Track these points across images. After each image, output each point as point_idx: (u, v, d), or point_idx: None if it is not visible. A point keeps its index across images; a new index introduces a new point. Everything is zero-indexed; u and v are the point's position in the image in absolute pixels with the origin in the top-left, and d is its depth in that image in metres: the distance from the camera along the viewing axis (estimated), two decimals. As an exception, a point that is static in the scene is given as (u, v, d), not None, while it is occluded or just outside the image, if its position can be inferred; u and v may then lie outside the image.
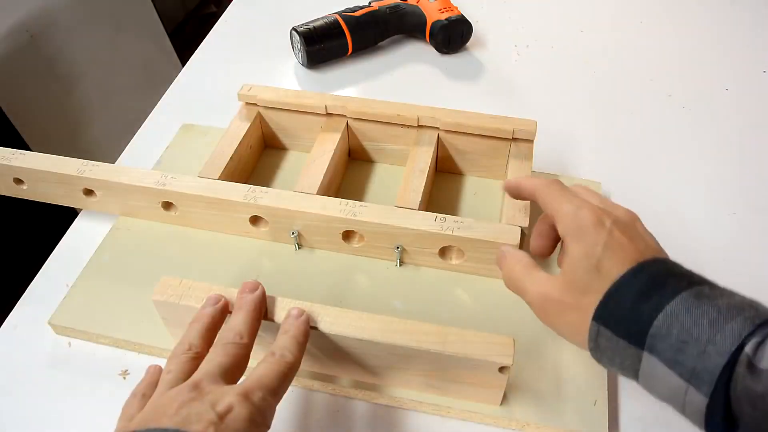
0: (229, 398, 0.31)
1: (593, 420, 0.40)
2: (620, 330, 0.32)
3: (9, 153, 0.52)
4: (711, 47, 0.76)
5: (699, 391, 0.30)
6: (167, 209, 0.51)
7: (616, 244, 0.34)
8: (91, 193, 0.52)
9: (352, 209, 0.47)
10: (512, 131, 0.52)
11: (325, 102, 0.55)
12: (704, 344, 0.30)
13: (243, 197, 0.48)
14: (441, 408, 0.42)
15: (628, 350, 0.32)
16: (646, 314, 0.31)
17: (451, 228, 0.46)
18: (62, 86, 1.17)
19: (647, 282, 0.32)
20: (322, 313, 0.39)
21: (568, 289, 0.35)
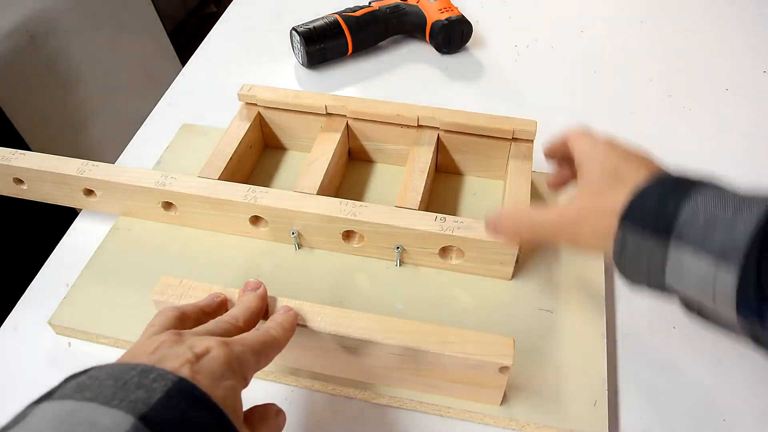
0: (208, 342, 0.30)
1: (593, 420, 0.40)
2: (647, 227, 0.32)
3: (9, 153, 0.52)
4: (711, 47, 0.76)
5: (728, 271, 0.29)
6: (167, 209, 0.51)
7: (631, 157, 0.37)
8: (91, 193, 0.52)
9: (352, 209, 0.47)
10: (512, 131, 0.53)
11: (325, 102, 0.55)
12: (731, 221, 0.29)
13: (243, 197, 0.48)
14: (441, 408, 0.42)
15: (655, 248, 0.32)
16: (672, 207, 0.31)
17: (451, 228, 0.46)
18: (62, 86, 1.17)
19: (672, 185, 0.33)
20: (323, 313, 0.39)
21: (588, 197, 0.36)
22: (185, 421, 0.25)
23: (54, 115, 1.17)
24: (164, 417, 0.24)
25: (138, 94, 1.37)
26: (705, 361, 0.45)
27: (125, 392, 0.25)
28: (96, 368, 0.28)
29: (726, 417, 0.42)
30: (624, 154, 0.37)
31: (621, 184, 0.35)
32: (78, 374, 0.28)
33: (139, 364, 0.27)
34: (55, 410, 0.25)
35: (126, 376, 0.26)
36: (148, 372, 0.27)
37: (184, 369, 0.28)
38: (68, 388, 0.26)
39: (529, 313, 0.47)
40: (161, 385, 0.26)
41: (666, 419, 0.42)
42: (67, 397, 0.26)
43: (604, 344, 0.44)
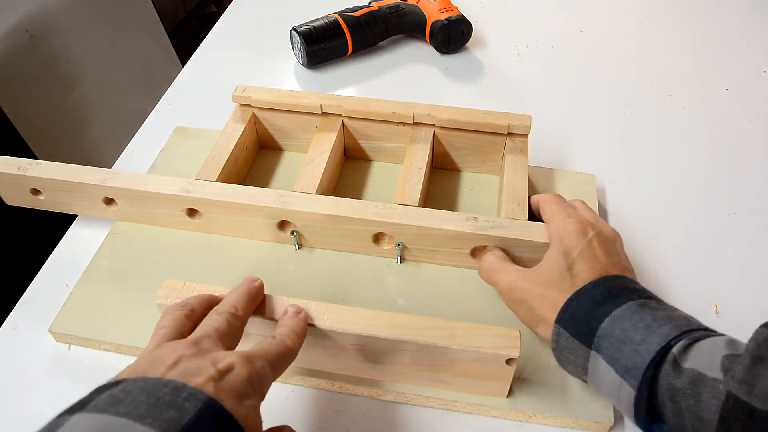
0: (231, 358, 0.31)
1: (598, 410, 0.41)
2: (575, 331, 0.37)
3: (26, 163, 0.51)
4: (711, 47, 0.76)
5: (629, 385, 0.34)
6: (192, 216, 0.51)
7: (591, 254, 0.40)
8: (112, 202, 0.51)
9: (382, 211, 0.47)
10: (507, 126, 0.53)
11: (320, 101, 0.55)
12: (637, 344, 0.34)
13: (272, 202, 0.48)
14: (448, 402, 0.42)
15: (580, 349, 0.37)
16: (597, 318, 0.36)
17: (484, 228, 0.45)
18: (62, 86, 1.17)
19: (604, 292, 0.37)
20: (328, 310, 0.39)
21: (539, 281, 0.40)
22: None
23: (53, 114, 1.17)
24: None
25: (137, 94, 1.37)
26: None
27: (158, 410, 0.26)
28: (129, 381, 0.28)
29: (725, 417, 0.42)
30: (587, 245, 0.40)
31: (569, 281, 0.39)
32: (110, 385, 0.28)
33: (170, 380, 0.28)
34: (90, 423, 0.25)
35: (158, 392, 0.27)
36: (179, 390, 0.27)
37: (209, 386, 0.28)
38: (102, 401, 0.27)
39: None
40: (192, 405, 0.27)
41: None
42: (101, 411, 0.26)
43: None
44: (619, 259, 0.41)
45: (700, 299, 0.49)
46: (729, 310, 0.48)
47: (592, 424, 0.40)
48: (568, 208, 0.44)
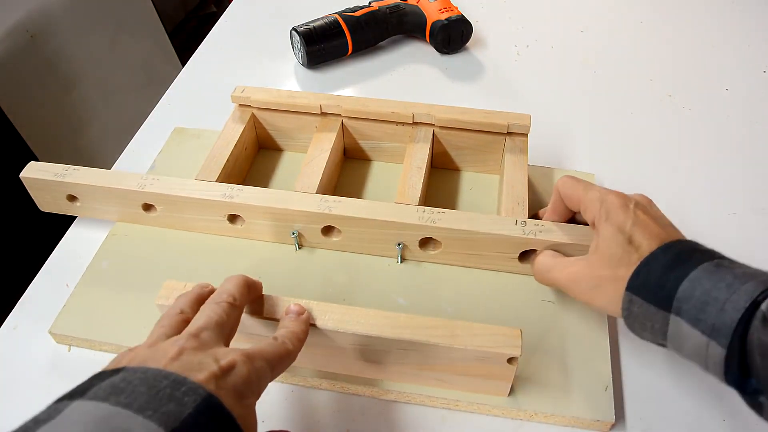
0: (233, 355, 0.31)
1: (600, 408, 0.41)
2: (650, 297, 0.36)
3: (62, 169, 0.51)
4: (711, 47, 0.76)
5: (718, 344, 0.34)
6: (233, 222, 0.50)
7: (641, 222, 0.39)
8: (151, 208, 0.51)
9: (429, 216, 0.46)
10: (507, 125, 0.53)
11: (320, 102, 0.55)
12: (722, 303, 0.34)
13: (317, 207, 0.47)
14: (449, 401, 0.42)
15: (657, 315, 0.36)
16: (673, 282, 0.35)
17: (534, 232, 0.45)
18: (62, 86, 1.17)
19: (674, 256, 0.37)
20: (329, 310, 0.39)
21: (604, 264, 0.39)
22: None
23: (53, 114, 1.17)
24: None
25: (137, 94, 1.37)
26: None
27: (158, 402, 0.26)
28: (129, 370, 0.28)
29: (726, 417, 0.42)
30: (634, 216, 0.40)
31: (633, 253, 0.38)
32: (109, 372, 0.28)
33: (171, 373, 0.28)
34: (90, 411, 0.25)
35: (159, 384, 0.27)
36: (179, 384, 0.27)
37: (211, 384, 0.28)
38: (102, 389, 0.27)
39: (531, 305, 0.47)
40: (191, 400, 0.27)
41: (666, 419, 0.42)
42: (102, 399, 0.26)
43: (606, 334, 0.45)
44: (665, 222, 0.41)
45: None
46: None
47: (593, 422, 0.41)
48: (593, 187, 0.43)
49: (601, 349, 0.44)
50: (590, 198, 0.42)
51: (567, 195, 0.44)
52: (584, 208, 0.43)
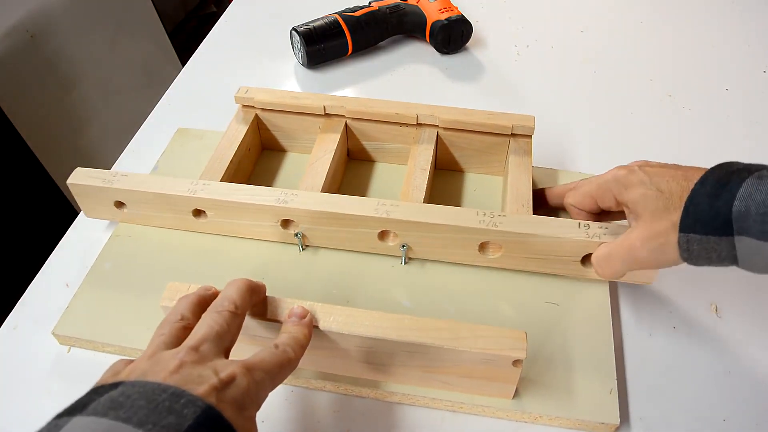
0: (233, 368, 0.31)
1: (604, 410, 0.41)
2: (707, 228, 0.36)
3: (110, 175, 0.50)
4: (711, 47, 0.76)
5: None
6: (286, 227, 0.50)
7: (656, 173, 0.40)
8: (201, 214, 0.51)
9: (491, 220, 0.46)
10: (511, 127, 0.53)
11: (324, 103, 0.55)
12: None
13: (374, 211, 0.47)
14: (453, 404, 0.42)
15: (720, 243, 0.36)
16: (724, 206, 0.35)
17: (598, 235, 0.45)
18: (62, 86, 1.17)
19: (714, 184, 0.37)
20: (333, 312, 0.39)
21: (651, 220, 0.39)
22: None
23: (53, 115, 1.16)
24: None
25: (138, 95, 1.37)
26: (705, 361, 0.45)
27: (157, 416, 0.26)
28: (128, 384, 0.28)
29: (726, 417, 0.42)
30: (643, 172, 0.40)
31: (667, 199, 0.38)
32: (108, 387, 0.28)
33: (169, 386, 0.28)
34: (90, 427, 0.25)
35: (158, 398, 0.27)
36: (178, 396, 0.27)
37: (211, 397, 0.28)
38: (102, 404, 0.27)
39: (535, 306, 0.47)
40: (191, 412, 0.27)
41: (666, 419, 0.42)
42: (101, 414, 0.26)
43: (611, 336, 0.45)
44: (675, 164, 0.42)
45: (700, 299, 0.49)
46: (729, 310, 0.48)
47: (598, 425, 0.41)
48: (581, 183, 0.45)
49: (606, 352, 0.44)
50: (598, 189, 0.43)
51: (580, 201, 0.45)
52: (601, 201, 0.44)
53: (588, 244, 0.45)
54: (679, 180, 0.39)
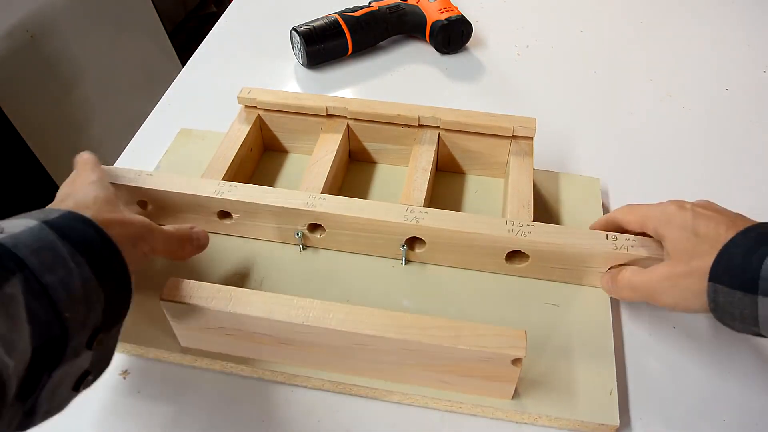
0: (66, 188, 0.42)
1: (604, 411, 0.41)
2: (734, 282, 0.35)
3: (135, 174, 0.50)
4: (711, 47, 0.76)
5: None
6: (312, 232, 0.50)
7: (703, 215, 0.40)
8: (226, 216, 0.50)
9: (520, 229, 0.46)
10: (512, 129, 0.53)
11: (326, 103, 0.55)
12: None
13: (403, 218, 0.46)
14: (452, 403, 0.42)
15: (744, 299, 0.35)
16: (756, 262, 0.35)
17: (626, 246, 0.45)
18: (62, 86, 1.17)
19: (755, 238, 0.36)
20: (333, 310, 0.39)
21: (678, 262, 0.39)
22: (73, 228, 0.33)
23: (54, 115, 1.16)
24: (60, 224, 0.33)
25: (138, 94, 1.37)
26: (705, 361, 0.45)
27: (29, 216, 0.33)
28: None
29: (726, 417, 0.42)
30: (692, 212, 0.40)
31: (703, 243, 0.38)
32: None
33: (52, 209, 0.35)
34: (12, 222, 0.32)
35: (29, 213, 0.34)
36: (45, 210, 0.35)
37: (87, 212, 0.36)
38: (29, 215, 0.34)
39: (535, 307, 0.47)
40: (58, 212, 0.34)
41: (666, 419, 0.42)
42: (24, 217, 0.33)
43: (611, 337, 0.45)
44: (735, 214, 0.40)
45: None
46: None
47: (597, 426, 0.41)
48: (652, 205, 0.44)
49: (606, 353, 0.44)
50: (649, 214, 0.43)
51: (628, 221, 0.45)
52: (646, 227, 0.43)
53: (616, 256, 0.45)
54: (721, 227, 0.38)
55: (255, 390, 0.44)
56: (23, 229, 0.31)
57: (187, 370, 0.45)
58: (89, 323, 0.33)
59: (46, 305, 0.30)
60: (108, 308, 0.34)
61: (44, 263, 0.31)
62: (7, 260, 0.30)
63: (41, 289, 0.30)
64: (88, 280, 0.32)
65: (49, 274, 0.31)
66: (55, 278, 0.31)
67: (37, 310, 0.30)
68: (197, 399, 0.43)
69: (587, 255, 0.45)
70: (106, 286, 0.33)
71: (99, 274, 0.33)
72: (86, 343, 0.33)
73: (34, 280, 0.30)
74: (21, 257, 0.30)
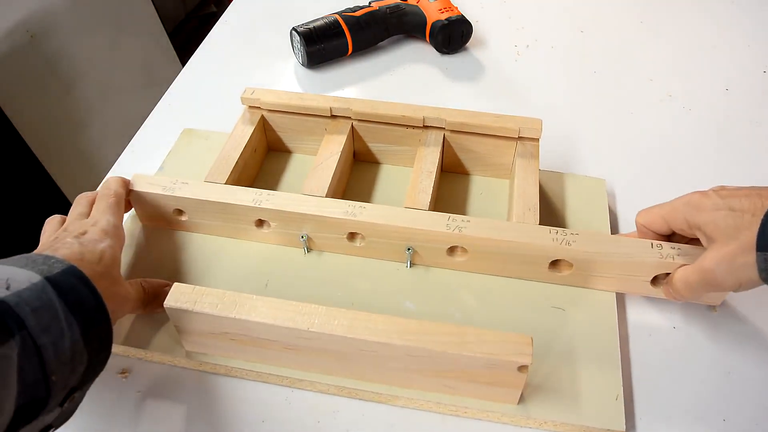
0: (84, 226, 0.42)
1: (610, 416, 0.41)
2: None
3: (170, 182, 0.50)
4: (711, 47, 0.76)
5: None
6: (351, 240, 0.49)
7: (728, 194, 0.39)
8: (263, 224, 0.50)
9: (564, 238, 0.45)
10: (518, 130, 0.53)
11: (330, 104, 0.55)
12: None
13: (445, 226, 0.46)
14: (458, 408, 0.42)
15: None
16: None
17: (671, 255, 0.44)
18: (62, 86, 1.17)
19: None
20: (338, 316, 0.39)
21: (723, 242, 0.39)
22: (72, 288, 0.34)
23: (54, 115, 1.16)
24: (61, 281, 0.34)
25: (138, 95, 1.37)
26: (705, 361, 0.45)
27: (34, 264, 0.35)
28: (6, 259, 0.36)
29: (726, 417, 0.42)
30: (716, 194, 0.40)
31: (740, 218, 0.38)
32: None
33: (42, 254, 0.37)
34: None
35: (34, 257, 0.36)
36: (49, 258, 0.36)
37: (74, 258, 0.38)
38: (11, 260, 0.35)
39: (541, 311, 0.47)
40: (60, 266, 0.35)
41: (667, 419, 0.42)
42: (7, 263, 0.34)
43: (617, 342, 0.45)
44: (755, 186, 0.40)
45: (701, 299, 0.49)
46: (729, 310, 0.48)
47: (603, 431, 0.40)
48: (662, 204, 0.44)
49: (612, 357, 0.44)
50: (671, 211, 0.43)
51: (651, 221, 0.45)
52: (673, 224, 0.43)
53: (661, 265, 0.44)
54: (753, 198, 0.38)
55: (255, 390, 0.44)
56: (27, 286, 0.33)
57: (187, 370, 0.45)
58: (69, 384, 0.33)
59: (37, 366, 0.31)
60: (87, 369, 0.35)
61: (41, 324, 0.32)
62: (10, 320, 0.31)
63: (35, 350, 0.31)
64: (76, 342, 0.33)
65: (44, 335, 0.32)
66: (49, 340, 0.32)
67: (28, 371, 0.31)
68: (197, 398, 0.43)
69: (633, 264, 0.45)
70: (90, 347, 0.34)
71: (86, 337, 0.34)
72: (60, 402, 0.33)
73: (30, 341, 0.31)
74: (22, 318, 0.31)
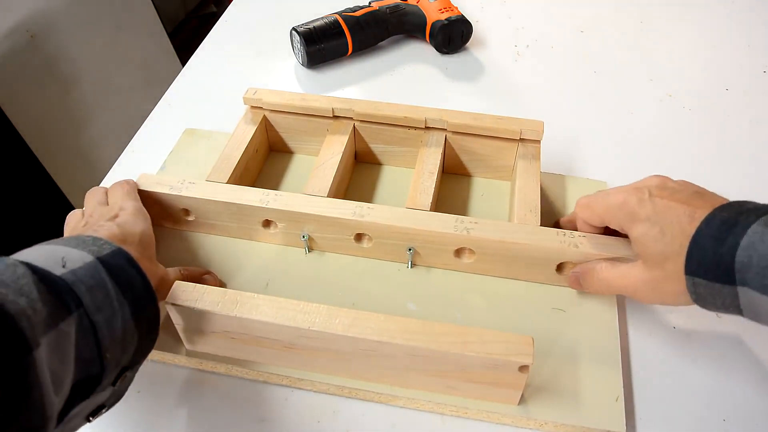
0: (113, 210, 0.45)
1: (611, 417, 0.41)
2: (710, 275, 0.36)
3: (178, 183, 0.50)
4: (711, 47, 0.76)
5: None
6: (358, 241, 0.49)
7: (663, 209, 0.38)
8: (270, 225, 0.50)
9: (571, 240, 0.45)
10: (520, 132, 0.53)
11: (332, 105, 0.55)
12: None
13: (453, 228, 0.46)
14: (459, 408, 0.42)
15: (723, 290, 0.35)
16: (727, 254, 0.35)
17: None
18: (62, 86, 1.17)
19: (719, 227, 0.36)
20: (340, 315, 0.39)
21: (650, 266, 0.39)
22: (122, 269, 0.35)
23: (54, 115, 1.16)
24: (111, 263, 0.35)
25: (138, 95, 1.37)
26: (705, 361, 0.45)
27: (84, 245, 0.36)
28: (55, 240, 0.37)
29: (726, 417, 0.42)
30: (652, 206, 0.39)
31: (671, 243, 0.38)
32: None
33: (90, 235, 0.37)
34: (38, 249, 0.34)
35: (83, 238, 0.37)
36: (98, 239, 0.37)
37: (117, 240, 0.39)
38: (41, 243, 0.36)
39: (541, 312, 0.47)
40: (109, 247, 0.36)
41: (666, 419, 0.42)
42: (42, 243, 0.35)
43: (618, 343, 0.45)
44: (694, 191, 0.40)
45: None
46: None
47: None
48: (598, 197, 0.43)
49: (613, 359, 0.44)
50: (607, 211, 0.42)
51: (589, 217, 0.44)
52: (608, 221, 0.43)
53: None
54: (684, 222, 0.37)
55: (255, 390, 0.44)
56: (81, 265, 0.34)
57: (187, 370, 0.45)
58: (121, 363, 0.34)
59: (92, 344, 0.32)
60: (138, 349, 0.35)
61: (95, 302, 0.33)
62: (68, 297, 0.31)
63: (91, 328, 0.32)
64: (127, 322, 0.34)
65: (98, 313, 0.32)
66: (102, 318, 0.32)
67: (84, 348, 0.31)
68: (196, 398, 0.43)
69: None
70: (140, 328, 0.35)
71: (136, 317, 0.35)
72: (113, 381, 0.34)
73: (87, 319, 0.32)
74: (78, 296, 0.32)
